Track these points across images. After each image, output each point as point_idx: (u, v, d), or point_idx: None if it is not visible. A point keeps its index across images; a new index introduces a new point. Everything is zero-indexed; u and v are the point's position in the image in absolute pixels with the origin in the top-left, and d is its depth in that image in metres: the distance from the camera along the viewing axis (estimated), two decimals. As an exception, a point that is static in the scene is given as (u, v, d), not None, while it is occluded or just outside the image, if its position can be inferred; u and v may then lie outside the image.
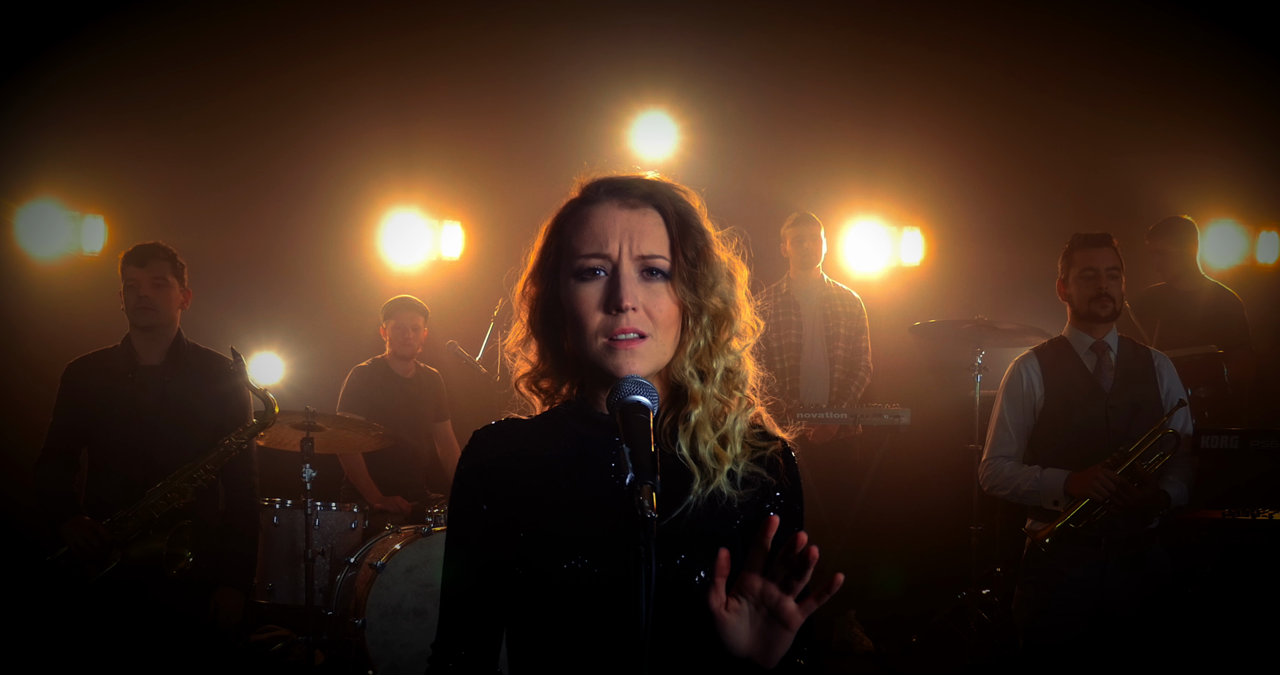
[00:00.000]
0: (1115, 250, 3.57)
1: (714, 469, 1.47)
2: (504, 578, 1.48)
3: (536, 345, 1.57)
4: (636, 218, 1.48)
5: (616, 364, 1.43)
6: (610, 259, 1.46)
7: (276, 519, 4.62)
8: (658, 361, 1.47)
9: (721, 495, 1.47)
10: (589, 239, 1.47)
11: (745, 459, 1.50)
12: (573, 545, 1.43)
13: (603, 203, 1.49)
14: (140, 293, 3.65)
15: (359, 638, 4.16)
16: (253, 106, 5.82)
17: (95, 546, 3.44)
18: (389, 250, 6.26)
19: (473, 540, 1.51)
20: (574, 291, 1.47)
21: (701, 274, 1.48)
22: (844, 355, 5.39)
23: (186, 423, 3.63)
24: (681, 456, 1.48)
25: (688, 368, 1.48)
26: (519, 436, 1.54)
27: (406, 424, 5.17)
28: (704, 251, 1.49)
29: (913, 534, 5.58)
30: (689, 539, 1.44)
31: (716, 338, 1.49)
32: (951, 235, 6.39)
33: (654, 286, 1.46)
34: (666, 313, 1.46)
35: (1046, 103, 6.04)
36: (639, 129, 6.20)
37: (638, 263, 1.46)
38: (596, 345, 1.44)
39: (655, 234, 1.47)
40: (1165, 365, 3.58)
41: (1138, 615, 3.41)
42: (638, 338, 1.44)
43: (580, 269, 1.47)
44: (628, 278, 1.45)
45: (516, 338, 1.59)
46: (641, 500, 1.21)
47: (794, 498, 1.55)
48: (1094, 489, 3.31)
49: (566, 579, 1.42)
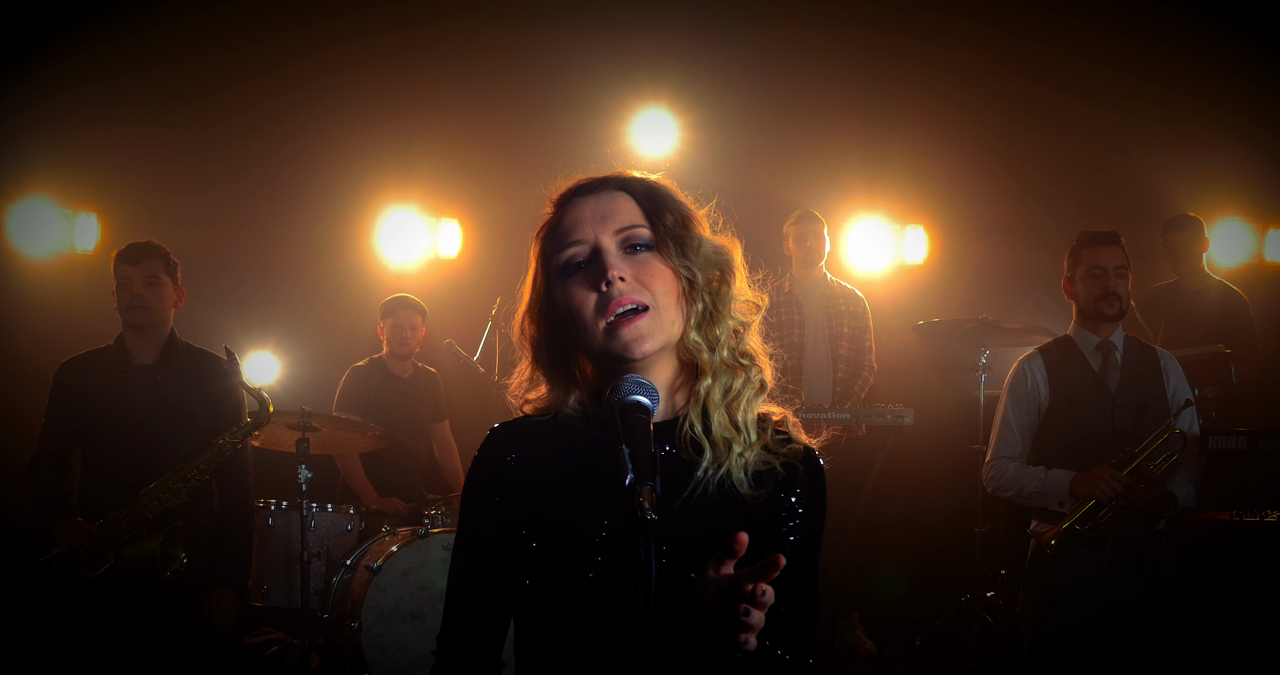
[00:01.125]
0: (1123, 249, 3.56)
1: (725, 448, 1.45)
2: (513, 578, 1.47)
3: (548, 384, 1.54)
4: (605, 201, 1.49)
5: (623, 343, 1.42)
6: (587, 242, 1.46)
7: (272, 520, 4.61)
8: (667, 335, 1.45)
9: (735, 493, 1.45)
10: (564, 233, 1.48)
11: (759, 448, 1.47)
12: (582, 549, 1.43)
13: (570, 202, 1.51)
14: (133, 291, 3.66)
15: (355, 641, 4.15)
16: (247, 102, 5.82)
17: (88, 548, 3.43)
18: (385, 248, 6.26)
19: (484, 539, 1.51)
20: (566, 290, 1.47)
21: (686, 238, 1.47)
22: (847, 355, 5.38)
23: (180, 423, 3.63)
24: (694, 434, 1.46)
25: (693, 336, 1.47)
26: (535, 436, 1.53)
27: (404, 424, 5.17)
28: (683, 218, 1.49)
29: (916, 536, 5.58)
30: (698, 538, 1.42)
31: (717, 302, 1.48)
32: (956, 233, 6.39)
33: (641, 257, 1.46)
34: (663, 280, 1.45)
35: (1053, 98, 6.04)
36: (639, 126, 6.20)
37: (617, 238, 1.46)
38: (599, 332, 1.43)
39: (627, 209, 1.48)
40: (1172, 365, 3.58)
41: (1144, 618, 3.41)
42: (637, 310, 1.42)
43: (563, 265, 1.47)
44: (609, 252, 1.45)
45: (521, 379, 1.57)
46: (641, 501, 1.20)
47: (814, 505, 1.50)
48: (1100, 490, 3.31)
49: (575, 583, 1.42)
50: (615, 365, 1.45)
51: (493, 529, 1.50)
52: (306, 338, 5.81)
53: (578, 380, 1.54)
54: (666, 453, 1.47)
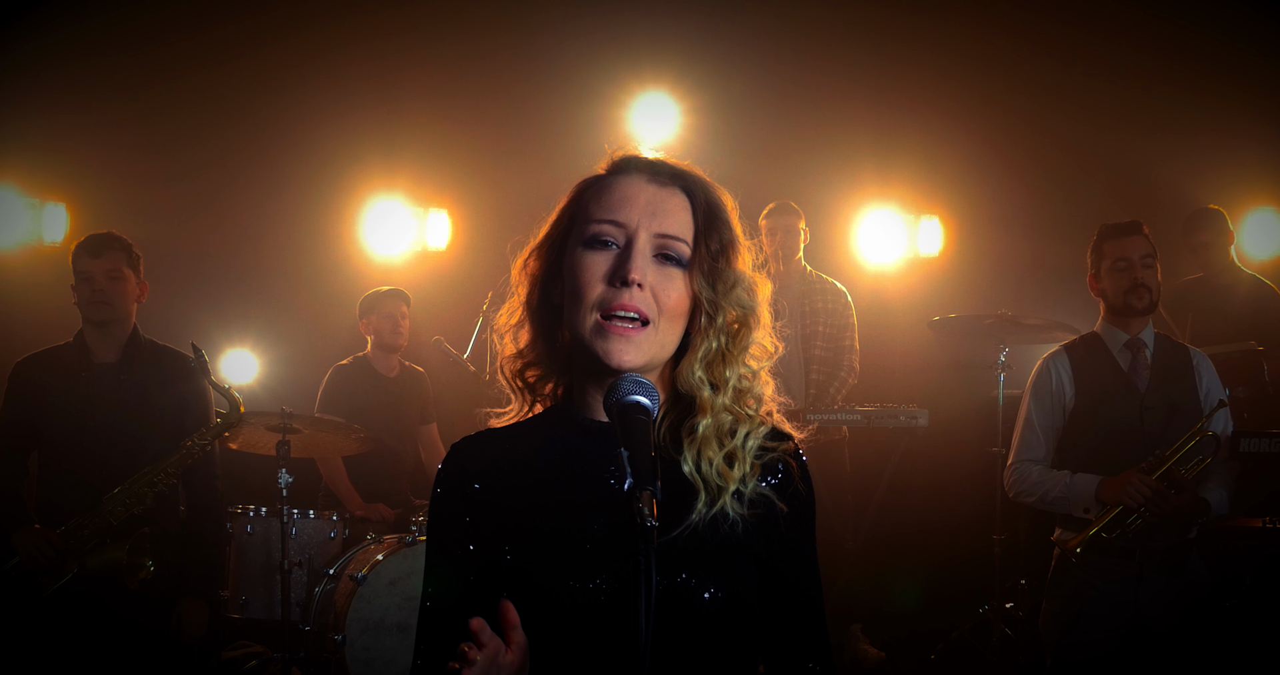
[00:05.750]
0: (1147, 237, 3.54)
1: (719, 488, 1.43)
2: (491, 594, 1.44)
3: (529, 330, 1.54)
4: (664, 195, 1.46)
5: (606, 348, 1.40)
6: (626, 229, 1.44)
7: (251, 528, 4.60)
8: (653, 356, 1.44)
9: (725, 512, 1.44)
10: (607, 206, 1.45)
11: (754, 478, 1.46)
12: (569, 558, 1.41)
13: (629, 173, 1.48)
14: (95, 286, 3.66)
15: (339, 655, 4.14)
16: (224, 87, 5.81)
17: (49, 557, 3.42)
18: (371, 240, 6.25)
19: (456, 553, 1.49)
20: (578, 258, 1.44)
21: (723, 270, 1.46)
22: (822, 355, 5.33)
23: (144, 424, 3.63)
24: (686, 472, 1.44)
25: (698, 373, 1.45)
26: (500, 448, 1.51)
27: (390, 426, 5.14)
28: (729, 248, 1.47)
29: (931, 543, 5.56)
30: (690, 555, 1.41)
31: (733, 344, 1.46)
32: (973, 224, 6.36)
33: (668, 270, 1.44)
34: (676, 302, 1.43)
35: (1073, 81, 6.01)
36: (638, 111, 6.18)
37: (655, 241, 1.44)
38: (589, 322, 1.41)
39: (680, 216, 1.46)
40: (1204, 364, 3.56)
41: (1173, 630, 3.39)
42: (637, 323, 1.41)
43: (591, 236, 1.44)
44: (640, 252, 1.42)
45: (509, 318, 1.55)
46: (641, 507, 1.20)
47: (804, 506, 1.51)
48: (1128, 495, 3.28)
49: (558, 596, 1.40)
50: (589, 362, 1.44)
51: (465, 542, 1.48)
52: (287, 335, 5.79)
53: (559, 345, 1.52)
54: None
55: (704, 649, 1.40)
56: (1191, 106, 5.85)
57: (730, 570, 1.42)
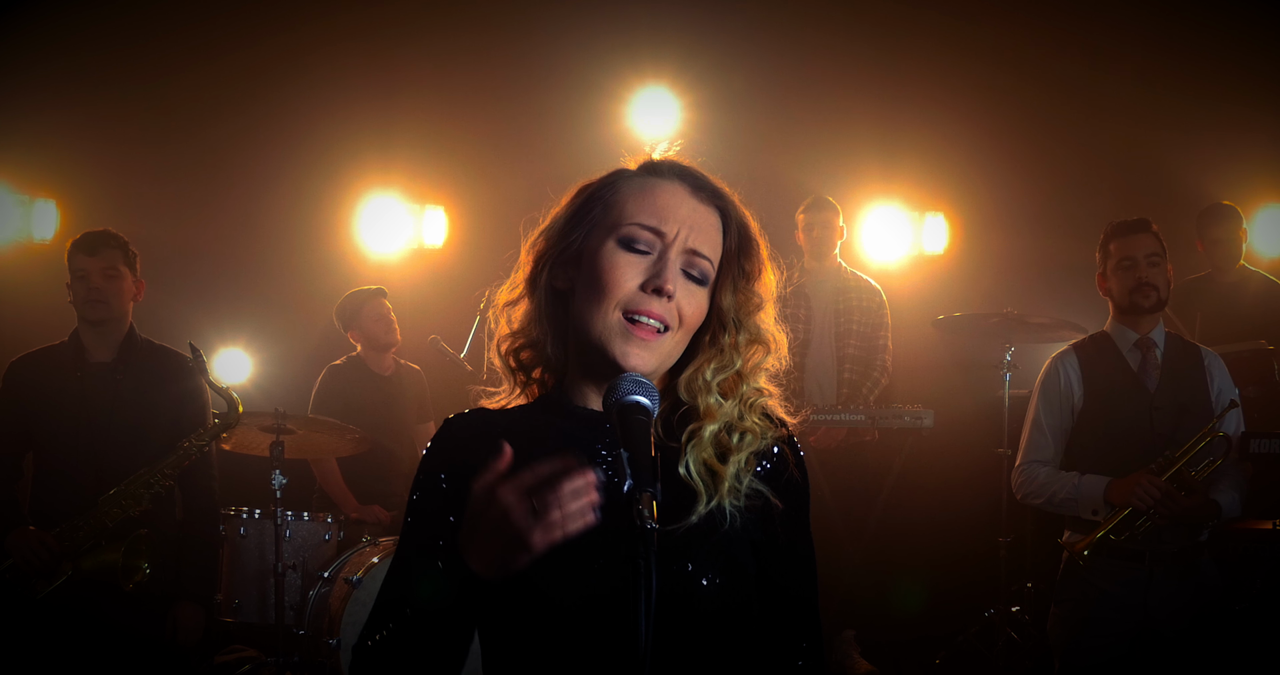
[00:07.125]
0: (1155, 235, 3.54)
1: (716, 488, 1.46)
2: (475, 592, 1.37)
3: (527, 308, 1.56)
4: (702, 212, 1.52)
5: (625, 350, 1.44)
6: (664, 239, 1.48)
7: (244, 530, 4.58)
8: (661, 363, 1.49)
9: (722, 506, 1.47)
10: (650, 210, 1.49)
11: (748, 473, 1.49)
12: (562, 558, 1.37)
13: (672, 181, 1.53)
14: (90, 284, 3.65)
15: (333, 659, 4.14)
16: (217, 82, 5.81)
17: (43, 559, 3.42)
18: (366, 238, 6.25)
19: (439, 544, 1.46)
20: (609, 254, 1.47)
21: (743, 300, 1.52)
22: (855, 353, 5.34)
23: (142, 424, 3.63)
24: (683, 473, 1.46)
25: (710, 382, 1.49)
26: (494, 431, 1.50)
27: (385, 426, 5.14)
28: (753, 275, 1.54)
29: (936, 546, 5.55)
30: (688, 545, 1.42)
31: (746, 363, 1.52)
32: (978, 221, 6.36)
33: (690, 286, 1.49)
34: (694, 316, 1.49)
35: (1082, 76, 6.01)
36: (638, 106, 6.18)
37: (684, 257, 1.49)
38: (611, 318, 1.45)
39: (713, 235, 1.52)
40: (1216, 363, 3.56)
41: (1183, 634, 3.39)
42: (659, 329, 1.45)
43: (629, 237, 1.48)
44: (674, 263, 1.48)
45: (508, 295, 1.58)
46: (641, 509, 1.21)
47: (799, 494, 1.54)
48: (1137, 497, 3.28)
49: (554, 594, 1.39)
50: (596, 356, 1.46)
51: (449, 533, 1.43)
52: (281, 334, 5.79)
53: (557, 327, 1.54)
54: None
55: (704, 636, 1.42)
56: (1201, 102, 5.84)
57: (728, 557, 1.44)
